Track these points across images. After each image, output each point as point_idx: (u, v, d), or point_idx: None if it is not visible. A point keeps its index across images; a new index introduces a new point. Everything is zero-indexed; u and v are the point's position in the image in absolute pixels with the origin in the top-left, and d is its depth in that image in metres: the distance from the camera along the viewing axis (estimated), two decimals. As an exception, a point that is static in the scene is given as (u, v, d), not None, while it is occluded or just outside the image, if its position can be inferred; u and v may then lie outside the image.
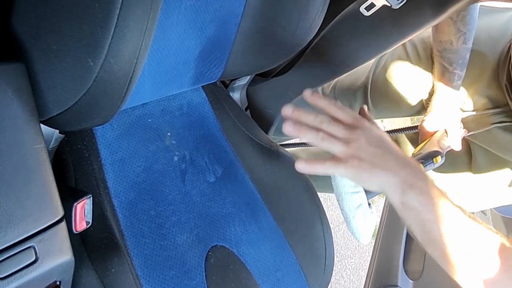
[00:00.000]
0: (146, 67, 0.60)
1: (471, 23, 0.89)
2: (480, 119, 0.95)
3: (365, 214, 0.71)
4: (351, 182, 0.69)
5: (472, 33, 0.92)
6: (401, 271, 1.36)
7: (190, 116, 0.74)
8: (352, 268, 2.10)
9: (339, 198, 0.70)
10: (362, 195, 0.70)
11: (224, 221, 0.69)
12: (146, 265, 0.58)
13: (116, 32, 0.42)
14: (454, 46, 0.91)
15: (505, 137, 0.93)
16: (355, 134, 0.58)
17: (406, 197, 0.56)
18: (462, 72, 0.94)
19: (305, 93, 0.63)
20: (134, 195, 0.63)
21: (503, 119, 0.92)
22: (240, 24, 0.66)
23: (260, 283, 0.67)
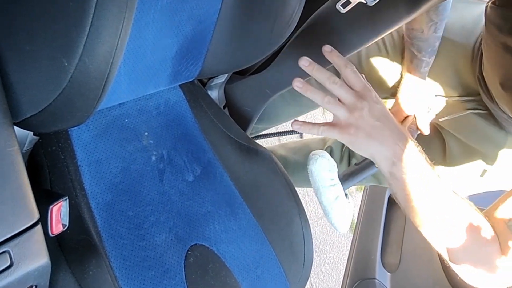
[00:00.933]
0: (122, 67, 0.59)
1: (443, 13, 0.92)
2: (455, 105, 0.98)
3: (343, 205, 0.73)
4: (328, 176, 0.71)
5: (443, 23, 0.94)
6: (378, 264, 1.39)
7: (168, 115, 0.73)
8: (331, 263, 2.13)
9: (317, 192, 0.72)
10: (339, 187, 0.73)
11: (203, 220, 0.69)
12: (125, 266, 0.58)
13: (91, 32, 0.41)
14: (425, 35, 0.93)
15: (479, 123, 0.96)
16: (361, 103, 0.61)
17: (395, 169, 0.61)
18: (430, 60, 0.96)
19: (324, 48, 0.64)
20: (111, 196, 0.62)
21: (476, 106, 0.95)
22: (217, 22, 0.66)
23: (240, 280, 0.68)
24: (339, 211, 0.73)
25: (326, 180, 0.72)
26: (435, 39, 0.94)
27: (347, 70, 0.63)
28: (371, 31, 0.75)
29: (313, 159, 0.73)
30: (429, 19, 0.91)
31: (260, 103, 0.93)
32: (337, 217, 0.73)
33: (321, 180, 0.72)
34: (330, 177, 0.73)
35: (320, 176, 0.72)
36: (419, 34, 0.94)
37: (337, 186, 0.73)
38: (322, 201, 0.73)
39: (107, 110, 0.67)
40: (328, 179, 0.72)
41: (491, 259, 0.62)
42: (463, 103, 0.97)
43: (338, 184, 0.73)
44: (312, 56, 0.78)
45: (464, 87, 0.98)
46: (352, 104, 0.61)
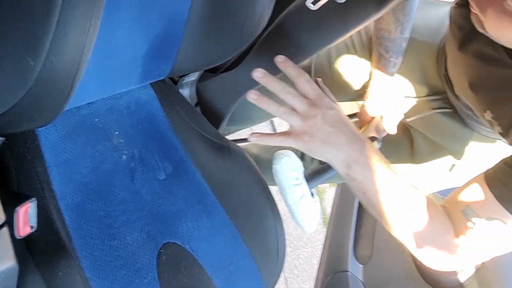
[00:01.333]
0: (91, 66, 0.58)
1: (410, 14, 0.94)
2: (421, 105, 1.01)
3: (308, 204, 0.74)
4: (293, 175, 0.73)
5: (410, 24, 0.96)
6: (351, 257, 1.41)
7: (139, 114, 0.73)
8: (305, 258, 2.15)
9: (282, 191, 0.73)
10: (304, 186, 0.74)
11: (176, 218, 0.69)
12: (95, 266, 0.58)
13: (58, 30, 0.41)
14: (392, 35, 0.96)
15: (444, 122, 0.99)
16: (314, 111, 0.63)
17: (351, 171, 0.64)
18: (398, 60, 0.99)
19: (277, 59, 0.66)
20: (81, 197, 0.61)
21: (442, 105, 0.98)
22: (188, 21, 0.66)
23: (213, 277, 0.68)
24: (305, 210, 0.74)
25: (291, 179, 0.73)
26: (402, 39, 0.97)
27: (300, 80, 0.66)
28: (341, 28, 0.76)
29: (277, 158, 0.73)
30: (396, 19, 0.93)
31: (232, 101, 0.94)
32: (303, 217, 0.74)
33: (286, 179, 0.73)
34: (295, 176, 0.74)
35: (285, 175, 0.73)
36: (387, 34, 0.96)
37: (302, 185, 0.74)
38: (287, 201, 0.74)
39: (76, 109, 0.66)
40: (293, 178, 0.73)
41: (447, 243, 0.66)
42: (429, 102, 1.00)
43: (304, 183, 0.74)
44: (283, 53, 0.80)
45: (430, 86, 1.00)
46: (305, 113, 0.64)
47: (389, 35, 0.96)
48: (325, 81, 1.14)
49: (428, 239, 0.67)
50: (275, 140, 0.66)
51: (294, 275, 2.05)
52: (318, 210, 0.78)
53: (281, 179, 0.73)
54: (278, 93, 0.65)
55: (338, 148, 0.63)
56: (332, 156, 0.64)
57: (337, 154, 0.64)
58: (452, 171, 1.03)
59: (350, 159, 0.63)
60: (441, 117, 0.99)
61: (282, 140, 0.66)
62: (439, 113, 0.99)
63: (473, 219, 0.64)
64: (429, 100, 1.00)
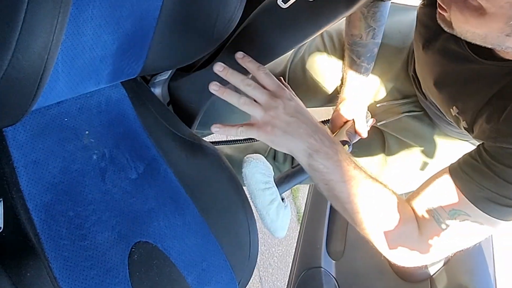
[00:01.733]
0: (59, 64, 0.58)
1: (381, 20, 0.96)
2: (391, 109, 1.03)
3: (278, 209, 0.74)
4: (263, 179, 0.73)
5: (381, 29, 0.99)
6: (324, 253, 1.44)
7: (109, 113, 0.72)
8: (280, 256, 2.17)
9: (252, 195, 0.73)
10: (274, 190, 0.74)
11: (147, 217, 0.69)
12: (65, 267, 0.57)
13: (24, 28, 0.40)
14: (364, 40, 0.98)
15: (414, 125, 1.01)
16: (275, 102, 0.64)
17: (312, 161, 0.65)
18: (369, 65, 1.01)
19: (237, 55, 0.67)
20: (50, 197, 0.60)
21: (412, 108, 1.01)
22: (159, 18, 0.66)
23: (186, 275, 0.69)
24: (274, 215, 0.74)
25: (261, 183, 0.73)
26: (374, 45, 0.99)
27: (260, 73, 0.67)
28: (312, 25, 0.77)
29: (247, 162, 0.74)
30: (367, 25, 0.96)
31: (204, 99, 0.94)
32: (273, 222, 0.75)
33: (255, 183, 0.73)
34: (265, 180, 0.74)
35: (254, 179, 0.73)
36: (358, 39, 0.98)
37: (272, 190, 0.74)
38: (256, 205, 0.74)
39: (45, 109, 0.65)
40: (262, 182, 0.74)
41: (410, 239, 0.68)
42: (398, 106, 1.03)
43: (274, 188, 0.75)
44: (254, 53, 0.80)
45: (401, 90, 1.03)
46: (266, 104, 0.65)
47: (361, 41, 0.98)
48: (300, 87, 1.16)
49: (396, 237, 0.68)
50: (236, 131, 0.67)
51: (268, 273, 2.06)
52: (288, 215, 0.78)
53: (250, 183, 0.73)
54: (238, 85, 0.66)
55: (299, 138, 0.64)
56: (293, 146, 0.65)
57: (298, 144, 0.65)
58: (424, 170, 1.06)
59: (311, 148, 0.64)
60: (411, 120, 1.02)
61: (244, 131, 0.66)
62: (409, 116, 1.02)
63: (442, 221, 0.66)
64: (399, 104, 1.03)
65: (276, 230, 0.76)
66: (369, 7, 0.93)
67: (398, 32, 1.04)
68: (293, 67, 1.17)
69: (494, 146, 0.64)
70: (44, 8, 0.41)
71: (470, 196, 0.64)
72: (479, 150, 0.67)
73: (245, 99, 0.65)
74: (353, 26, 0.98)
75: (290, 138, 0.65)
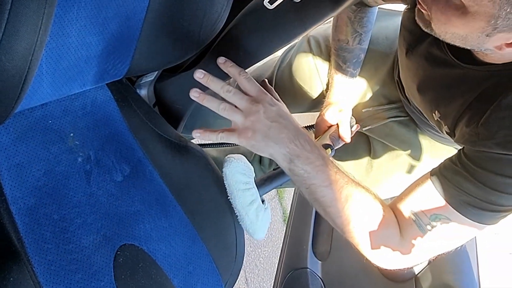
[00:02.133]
0: (44, 65, 0.57)
1: (368, 25, 0.97)
2: (377, 115, 1.05)
3: (258, 211, 0.74)
4: (243, 179, 0.73)
5: (368, 35, 1.00)
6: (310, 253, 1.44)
7: (94, 115, 0.72)
8: (266, 257, 2.17)
9: (231, 195, 0.73)
10: (254, 192, 0.74)
11: (133, 219, 0.68)
12: (49, 271, 0.56)
13: (8, 29, 0.40)
14: (350, 46, 0.99)
15: (399, 130, 1.03)
16: (256, 107, 0.64)
17: (293, 166, 0.66)
18: (355, 71, 1.02)
19: (218, 60, 0.66)
20: (34, 200, 0.59)
21: (397, 114, 1.02)
22: (145, 20, 0.65)
23: (172, 277, 0.68)
24: (254, 216, 0.74)
25: (241, 184, 0.73)
26: (360, 50, 1.00)
27: (241, 78, 0.67)
28: (298, 26, 0.78)
29: (228, 162, 0.73)
30: (353, 30, 0.97)
31: (190, 101, 0.93)
32: (252, 223, 0.74)
33: (235, 183, 0.73)
34: (245, 181, 0.74)
35: (234, 179, 0.73)
36: (345, 45, 0.99)
37: (252, 191, 0.74)
38: (236, 206, 0.74)
39: (29, 111, 0.64)
40: (242, 183, 0.73)
41: (392, 242, 0.69)
42: (384, 112, 1.04)
43: (254, 189, 0.74)
44: (241, 54, 0.81)
45: (386, 96, 1.04)
46: (247, 109, 0.65)
47: (347, 46, 0.99)
48: (287, 92, 1.17)
49: (378, 241, 0.69)
50: (217, 136, 0.67)
51: (255, 274, 2.07)
52: (268, 217, 0.78)
53: (230, 183, 0.73)
54: (218, 92, 0.66)
55: (280, 143, 0.65)
56: (274, 151, 0.66)
57: (279, 149, 0.65)
58: (411, 173, 1.07)
59: (291, 153, 0.65)
60: (397, 125, 1.03)
61: (225, 136, 0.66)
62: (395, 121, 1.03)
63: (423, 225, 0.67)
64: (385, 109, 1.04)
65: (255, 231, 0.76)
66: (356, 12, 0.94)
67: (384, 37, 1.05)
68: (280, 72, 1.18)
69: (473, 150, 0.65)
70: (28, 9, 0.41)
71: (450, 200, 0.65)
72: (459, 155, 0.68)
73: (225, 105, 0.65)
74: (340, 31, 0.99)
75: (271, 143, 0.65)
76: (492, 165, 0.62)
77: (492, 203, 0.62)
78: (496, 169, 0.61)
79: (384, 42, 1.05)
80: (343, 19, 0.97)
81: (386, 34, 1.06)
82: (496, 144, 0.62)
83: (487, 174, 0.62)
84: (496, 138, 0.62)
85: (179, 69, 0.94)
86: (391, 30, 1.05)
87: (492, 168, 0.62)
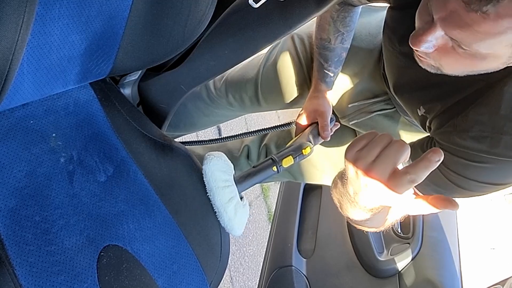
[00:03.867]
0: (25, 64, 0.56)
1: (350, 25, 0.98)
2: (363, 109, 1.06)
3: (236, 208, 0.75)
4: (222, 177, 0.74)
5: (350, 35, 1.01)
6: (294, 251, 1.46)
7: (77, 115, 0.71)
8: (251, 255, 2.18)
9: (210, 192, 0.74)
10: (233, 189, 0.75)
11: (117, 219, 0.68)
12: (31, 274, 0.55)
13: (-13, 27, 0.39)
14: (332, 45, 1.00)
15: (385, 123, 1.04)
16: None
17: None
18: (337, 70, 1.03)
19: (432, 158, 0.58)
20: (15, 202, 0.58)
21: (383, 107, 1.04)
22: (129, 18, 0.65)
23: (156, 278, 0.68)
24: (232, 213, 0.75)
25: (220, 181, 0.74)
26: (342, 49, 1.01)
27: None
28: (283, 25, 0.78)
29: (207, 159, 0.74)
30: (336, 29, 0.97)
31: (175, 100, 0.93)
32: (230, 220, 0.75)
33: (214, 180, 0.74)
34: (225, 178, 0.75)
35: (214, 176, 0.74)
36: (327, 44, 1.00)
37: (231, 188, 0.75)
38: (215, 203, 0.75)
39: (9, 111, 0.63)
40: (222, 180, 0.74)
41: None
42: (370, 106, 1.05)
43: (233, 186, 0.75)
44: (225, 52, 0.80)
45: (373, 90, 1.05)
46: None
47: (329, 45, 1.00)
48: (272, 90, 1.18)
49: None
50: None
51: (240, 273, 2.07)
52: (246, 213, 0.79)
53: (209, 180, 0.74)
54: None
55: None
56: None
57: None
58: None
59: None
60: (383, 118, 1.05)
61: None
62: (380, 114, 1.04)
63: None
64: (371, 103, 1.05)
65: (233, 228, 0.77)
66: (339, 12, 0.95)
67: (367, 33, 1.06)
68: (265, 71, 1.19)
69: (445, 145, 0.69)
70: (8, 7, 0.40)
71: None
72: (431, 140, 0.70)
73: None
74: (322, 30, 1.00)
75: None
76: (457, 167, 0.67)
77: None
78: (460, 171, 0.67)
79: (368, 38, 1.06)
80: (326, 18, 0.98)
81: (369, 29, 1.07)
82: (471, 137, 0.63)
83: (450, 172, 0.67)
84: (472, 131, 0.64)
85: (163, 68, 0.93)
86: (373, 25, 1.07)
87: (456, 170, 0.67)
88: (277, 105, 1.25)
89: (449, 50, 0.57)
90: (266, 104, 1.23)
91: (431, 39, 0.57)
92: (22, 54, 0.46)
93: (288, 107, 1.23)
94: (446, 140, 0.70)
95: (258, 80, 1.19)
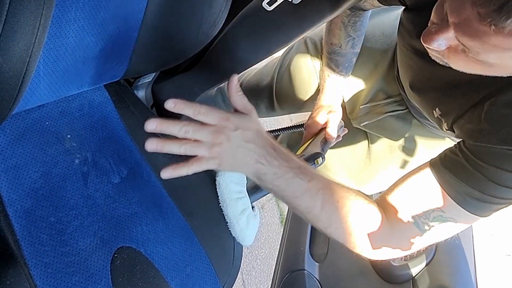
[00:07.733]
0: (41, 66, 0.57)
1: (361, 29, 0.98)
2: (374, 110, 1.05)
3: (249, 219, 0.76)
4: (236, 188, 0.74)
5: (360, 39, 1.00)
6: (307, 255, 1.44)
7: (92, 116, 0.71)
8: (263, 258, 2.17)
9: (223, 204, 0.75)
10: (246, 200, 0.75)
11: (130, 221, 0.68)
12: (46, 274, 0.56)
13: (6, 29, 0.40)
14: (343, 50, 0.99)
15: (397, 124, 1.03)
16: (219, 138, 0.63)
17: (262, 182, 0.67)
18: (347, 75, 1.03)
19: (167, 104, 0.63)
20: (31, 202, 0.59)
21: (395, 108, 1.03)
22: (143, 21, 0.65)
23: (169, 280, 0.68)
24: (244, 224, 0.76)
25: (233, 193, 0.74)
26: (352, 54, 1.01)
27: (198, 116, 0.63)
28: (296, 28, 0.78)
29: (221, 171, 0.74)
30: (347, 34, 0.97)
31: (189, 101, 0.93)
32: (242, 231, 0.76)
33: (228, 192, 0.74)
34: (238, 189, 0.75)
35: (228, 188, 0.74)
36: (338, 48, 0.99)
37: (244, 199, 0.75)
38: (227, 214, 0.75)
39: (26, 113, 0.64)
40: (235, 192, 0.75)
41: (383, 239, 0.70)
42: (382, 106, 1.04)
43: (246, 197, 0.76)
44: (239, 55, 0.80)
45: (386, 91, 1.04)
46: (210, 141, 0.63)
47: (340, 50, 0.99)
48: (288, 96, 1.18)
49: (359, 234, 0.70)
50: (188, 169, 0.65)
51: (252, 276, 2.06)
52: (257, 224, 0.79)
53: (223, 192, 0.74)
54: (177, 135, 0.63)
55: (246, 166, 0.66)
56: (243, 171, 0.67)
57: (247, 170, 0.66)
58: (405, 168, 1.07)
59: (258, 172, 0.65)
60: (394, 119, 1.03)
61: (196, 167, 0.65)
62: (392, 116, 1.03)
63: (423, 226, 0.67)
64: (383, 104, 1.04)
65: (244, 238, 0.77)
66: (350, 16, 0.95)
67: (381, 34, 1.05)
68: (280, 77, 1.19)
69: (474, 145, 0.66)
70: (26, 9, 0.41)
71: (450, 191, 0.65)
72: (460, 147, 0.68)
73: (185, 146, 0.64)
74: (333, 35, 0.99)
75: (239, 168, 0.66)
76: (494, 159, 0.63)
77: (491, 195, 0.63)
78: (498, 163, 0.62)
79: (381, 39, 1.05)
80: (336, 23, 0.98)
81: (383, 29, 1.06)
82: (501, 140, 0.62)
83: (489, 168, 0.62)
84: (500, 134, 0.62)
85: (177, 70, 0.93)
86: (387, 25, 1.06)
87: (494, 162, 0.62)
88: (291, 110, 1.25)
89: (459, 52, 0.57)
90: (281, 110, 1.24)
91: (443, 38, 0.57)
92: (39, 56, 0.46)
93: (303, 110, 1.23)
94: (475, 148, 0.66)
95: (273, 87, 1.20)
